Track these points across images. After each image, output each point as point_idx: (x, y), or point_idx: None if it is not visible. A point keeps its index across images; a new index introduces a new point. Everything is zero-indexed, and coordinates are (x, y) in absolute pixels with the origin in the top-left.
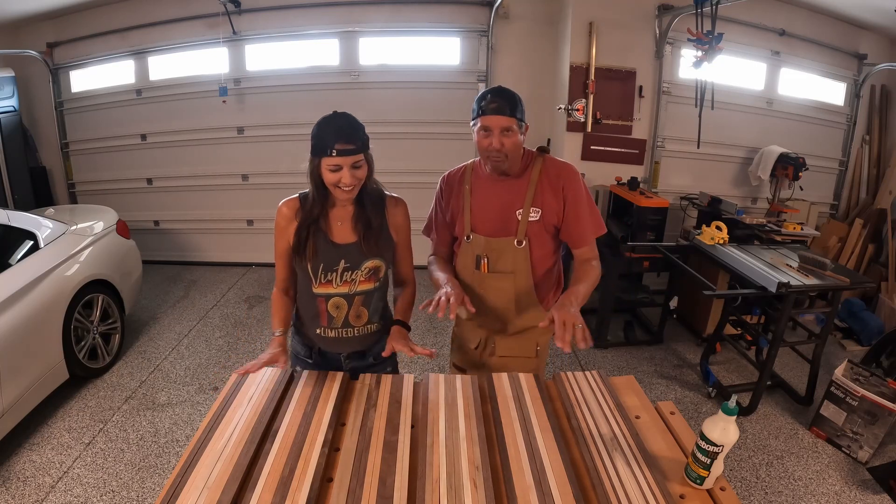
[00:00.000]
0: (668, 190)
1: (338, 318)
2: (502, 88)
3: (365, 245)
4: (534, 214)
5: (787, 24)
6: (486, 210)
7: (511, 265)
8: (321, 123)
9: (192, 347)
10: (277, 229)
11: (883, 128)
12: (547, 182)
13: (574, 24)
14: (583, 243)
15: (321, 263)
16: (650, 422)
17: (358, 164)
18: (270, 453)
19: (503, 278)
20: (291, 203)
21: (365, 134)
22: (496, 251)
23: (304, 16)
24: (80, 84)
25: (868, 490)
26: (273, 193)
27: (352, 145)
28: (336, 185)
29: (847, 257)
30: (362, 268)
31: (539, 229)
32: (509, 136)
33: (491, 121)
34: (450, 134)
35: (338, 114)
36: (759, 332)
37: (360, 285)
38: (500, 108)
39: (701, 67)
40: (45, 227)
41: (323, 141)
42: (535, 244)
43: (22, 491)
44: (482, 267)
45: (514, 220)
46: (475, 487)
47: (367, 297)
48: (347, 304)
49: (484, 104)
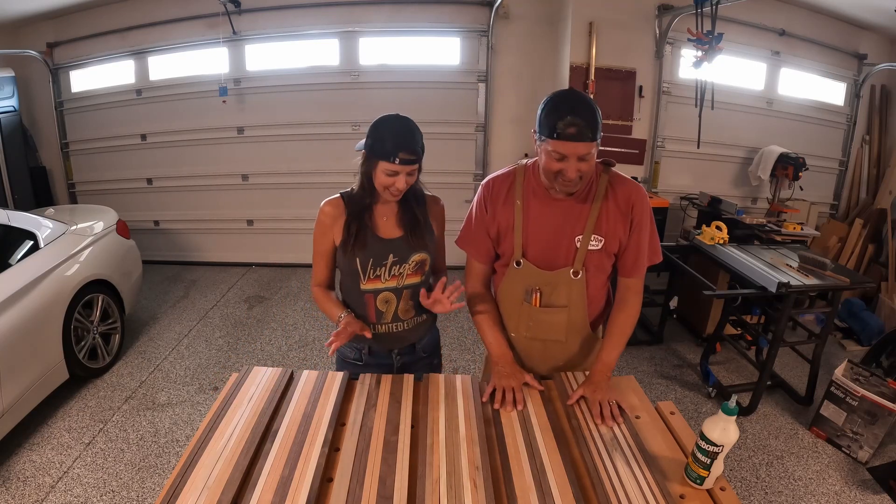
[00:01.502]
0: (668, 190)
1: (387, 313)
2: (580, 101)
3: (412, 238)
4: (595, 243)
5: (787, 24)
6: (541, 233)
7: (565, 299)
8: (385, 127)
9: (192, 347)
10: (321, 227)
11: (883, 128)
12: (614, 205)
13: (574, 24)
14: (635, 273)
15: (370, 258)
16: (650, 422)
17: (413, 172)
18: (270, 453)
19: (556, 313)
20: (335, 202)
21: (423, 141)
22: (550, 284)
23: (304, 16)
24: (80, 84)
25: (868, 490)
26: (273, 193)
27: (414, 156)
28: (387, 187)
29: (847, 257)
30: (410, 261)
31: (599, 259)
32: (587, 159)
33: (569, 148)
34: (450, 134)
35: (401, 118)
36: (759, 332)
37: (407, 279)
38: (581, 134)
39: (701, 67)
40: (45, 227)
41: (386, 145)
42: (593, 275)
43: (22, 491)
44: (533, 301)
45: (571, 248)
46: (475, 487)
47: (414, 291)
48: (396, 298)
49: (561, 126)
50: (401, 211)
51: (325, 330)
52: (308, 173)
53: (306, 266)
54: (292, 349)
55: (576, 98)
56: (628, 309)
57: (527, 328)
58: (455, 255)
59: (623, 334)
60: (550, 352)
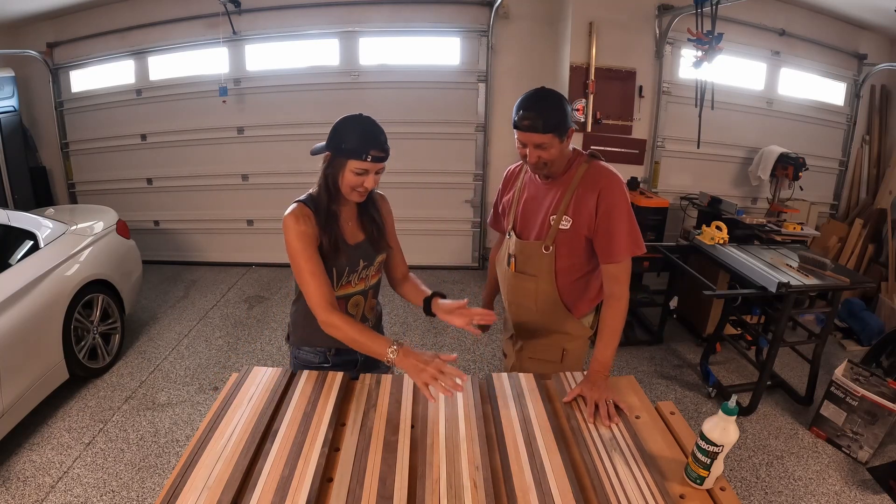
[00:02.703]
0: (668, 190)
1: (356, 314)
2: (539, 97)
3: (377, 241)
4: (565, 223)
5: (787, 24)
6: (529, 211)
7: (535, 269)
8: (355, 126)
9: (192, 347)
10: (306, 239)
11: (883, 128)
12: (585, 191)
13: (574, 24)
14: (610, 259)
15: (346, 267)
16: (650, 422)
17: (381, 171)
18: (270, 453)
19: (526, 279)
20: (303, 209)
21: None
22: (524, 253)
23: (304, 16)
24: (80, 84)
25: (868, 490)
26: (273, 193)
27: (384, 153)
28: (355, 188)
29: (847, 257)
30: (375, 262)
31: (569, 238)
32: (545, 149)
33: (523, 137)
34: (450, 134)
35: (367, 118)
36: (759, 332)
37: (372, 279)
38: (533, 126)
39: (701, 67)
40: (45, 227)
41: (356, 144)
42: (563, 252)
43: (22, 491)
44: (511, 265)
45: (546, 224)
46: (475, 487)
47: (375, 289)
48: (364, 299)
49: (517, 118)
50: (359, 213)
51: None
52: (308, 173)
53: None
54: None
55: (537, 96)
56: (613, 303)
57: (506, 290)
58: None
59: (613, 330)
60: (524, 316)
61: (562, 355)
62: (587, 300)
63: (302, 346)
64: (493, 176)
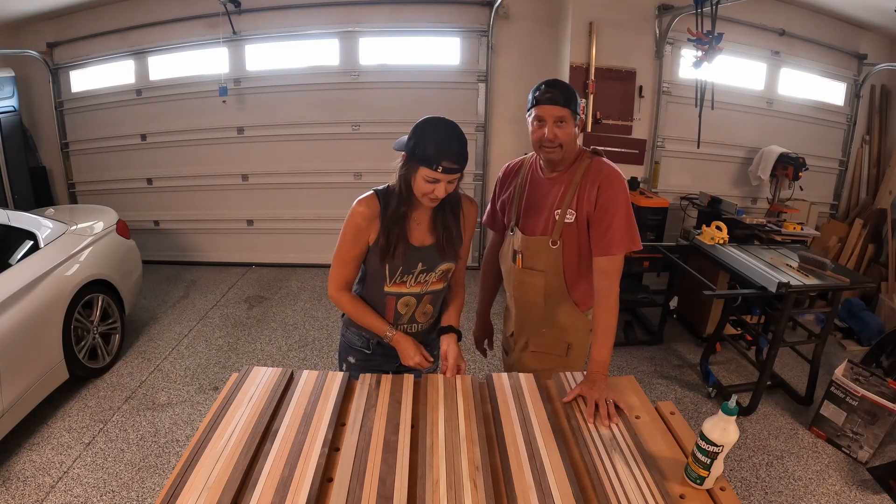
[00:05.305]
0: (668, 190)
1: (405, 315)
2: (557, 80)
3: (445, 248)
4: (569, 216)
5: (787, 24)
6: (532, 206)
7: (543, 264)
8: (430, 130)
9: (192, 347)
10: (356, 230)
11: (883, 128)
12: (588, 184)
13: (574, 24)
14: (604, 251)
15: (399, 266)
16: (650, 422)
17: (454, 181)
18: (270, 453)
19: (534, 275)
20: (370, 201)
21: (467, 149)
22: (531, 249)
23: (304, 16)
24: (80, 84)
25: (868, 490)
26: (273, 193)
27: (458, 164)
28: (426, 194)
29: (847, 257)
30: (437, 270)
31: (574, 231)
32: (563, 126)
33: (545, 111)
34: None
35: (448, 123)
36: (759, 332)
37: (431, 286)
38: (554, 98)
39: (701, 67)
40: (45, 227)
41: (429, 152)
42: (570, 246)
43: (22, 491)
44: (517, 262)
45: (552, 220)
46: (475, 487)
47: (435, 297)
48: (417, 301)
49: (538, 94)
50: (434, 218)
51: (324, 330)
52: (308, 173)
53: (306, 266)
54: (292, 349)
55: (554, 80)
56: (604, 300)
57: (513, 287)
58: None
59: (607, 328)
60: (531, 311)
61: (567, 349)
62: (593, 294)
63: (350, 327)
64: (493, 176)
